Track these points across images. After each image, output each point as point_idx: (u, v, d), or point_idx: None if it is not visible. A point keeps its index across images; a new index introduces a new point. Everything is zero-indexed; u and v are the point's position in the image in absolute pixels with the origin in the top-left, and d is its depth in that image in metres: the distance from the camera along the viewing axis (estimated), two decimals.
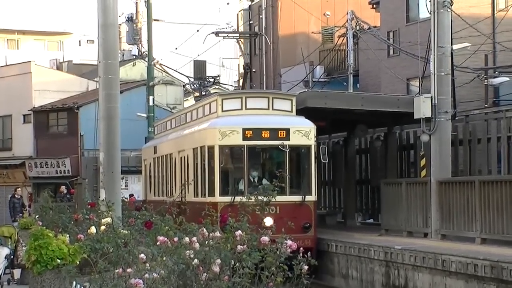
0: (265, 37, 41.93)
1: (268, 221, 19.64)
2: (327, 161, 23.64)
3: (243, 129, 21.78)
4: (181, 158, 25.37)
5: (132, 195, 38.89)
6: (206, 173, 22.22)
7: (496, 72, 33.51)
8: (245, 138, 21.75)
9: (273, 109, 22.57)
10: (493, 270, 15.32)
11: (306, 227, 21.79)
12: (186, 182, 24.20)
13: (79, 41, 72.62)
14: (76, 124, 45.96)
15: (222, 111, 22.58)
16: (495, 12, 34.23)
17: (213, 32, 32.25)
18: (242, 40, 54.53)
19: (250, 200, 10.83)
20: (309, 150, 22.11)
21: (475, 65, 31.95)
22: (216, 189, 21.60)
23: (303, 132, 21.92)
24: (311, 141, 22.04)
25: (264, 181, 21.13)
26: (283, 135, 21.84)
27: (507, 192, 17.99)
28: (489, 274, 15.46)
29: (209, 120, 23.01)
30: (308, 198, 21.92)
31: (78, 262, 10.37)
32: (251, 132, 21.80)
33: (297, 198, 21.77)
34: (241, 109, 22.61)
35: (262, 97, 23.29)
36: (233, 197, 20.71)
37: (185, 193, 24.26)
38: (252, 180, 21.81)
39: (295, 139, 21.85)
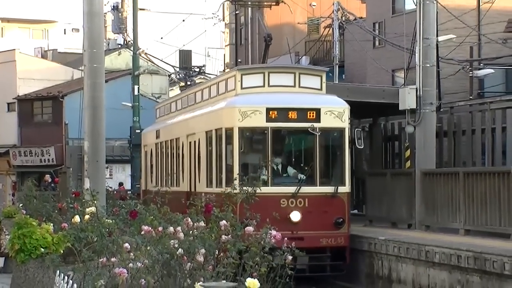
0: (287, 5, 40.82)
1: (295, 216, 18.70)
2: (362, 146, 20.97)
3: (267, 108, 18.94)
4: (190, 143, 22.65)
5: (122, 184, 38.91)
6: (222, 159, 19.55)
7: (481, 64, 33.59)
8: (269, 119, 18.93)
9: (299, 86, 19.98)
10: (476, 261, 15.38)
11: (339, 223, 19.08)
12: (197, 170, 21.68)
13: (64, 29, 72.29)
14: (60, 113, 45.83)
15: (242, 88, 19.83)
16: (481, 4, 34.30)
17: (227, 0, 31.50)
18: (227, 30, 54.48)
19: (235, 191, 10.56)
20: (342, 133, 19.40)
21: (460, 57, 32.02)
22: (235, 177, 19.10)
23: (335, 113, 19.21)
24: (344, 123, 19.35)
25: (290, 170, 19.50)
26: (313, 116, 19.13)
27: (491, 183, 18.07)
28: (472, 265, 15.53)
29: (226, 99, 20.24)
30: (341, 189, 19.14)
31: (62, 251, 10.34)
32: (276, 112, 18.98)
33: (328, 189, 19.12)
34: (263, 86, 19.90)
35: (288, 72, 20.53)
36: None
37: (195, 183, 21.81)
38: (275, 168, 19.30)
39: (327, 121, 19.16)
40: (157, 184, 26.73)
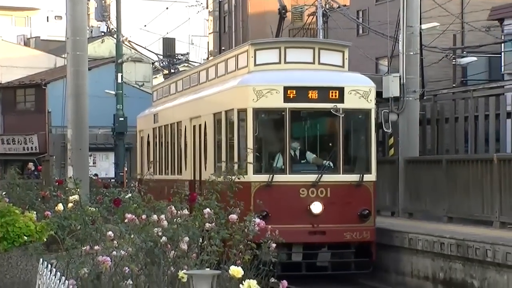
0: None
1: (317, 207, 16.89)
2: (390, 130, 19.34)
3: (284, 87, 16.94)
4: (194, 126, 20.53)
5: (97, 175, 38.76)
6: (234, 144, 17.57)
7: (464, 52, 33.71)
8: (287, 99, 16.94)
9: (319, 63, 18.05)
10: (459, 248, 15.46)
11: (364, 215, 17.10)
12: (202, 157, 19.73)
13: (47, 17, 71.97)
14: (43, 101, 45.67)
15: (255, 65, 17.84)
16: None
17: None
18: (211, 17, 54.38)
19: (219, 179, 10.49)
20: (368, 115, 17.41)
21: (443, 45, 32.10)
22: (249, 165, 16.68)
23: (361, 93, 17.21)
24: (371, 104, 17.36)
25: (310, 156, 17.66)
26: (336, 96, 17.09)
27: (474, 171, 18.15)
28: (455, 252, 15.60)
29: (237, 77, 18.23)
30: (366, 177, 17.21)
31: (45, 239, 10.34)
32: (294, 91, 17.01)
33: (353, 177, 17.18)
34: (279, 62, 17.94)
35: (306, 47, 18.55)
36: (271, 175, 16.74)
37: (200, 170, 19.89)
38: (293, 153, 17.33)
39: (351, 102, 17.11)
40: (155, 172, 24.46)
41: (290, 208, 16.59)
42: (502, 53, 32.27)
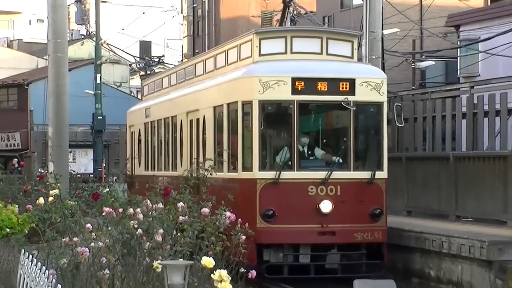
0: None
1: (326, 206, 15.08)
2: (402, 124, 17.69)
3: (292, 78, 15.07)
4: (190, 121, 18.57)
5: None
6: (238, 139, 15.53)
7: (423, 56, 33.93)
8: (295, 91, 15.08)
9: (327, 53, 16.20)
10: (417, 240, 15.56)
11: (376, 215, 15.23)
12: (200, 152, 17.74)
13: (29, 20, 71.52)
14: (26, 100, 45.38)
15: (260, 55, 15.90)
16: (423, 0, 34.62)
17: None
18: (185, 22, 54.27)
19: (193, 175, 10.47)
20: (380, 109, 15.60)
21: (403, 49, 32.28)
22: (254, 161, 14.97)
23: (372, 85, 15.43)
24: (383, 96, 15.58)
25: (318, 151, 15.86)
26: (346, 88, 15.27)
27: (431, 168, 18.28)
28: (413, 244, 15.70)
29: (241, 68, 16.27)
30: (378, 174, 15.34)
31: (26, 231, 10.29)
32: (303, 83, 15.14)
33: (364, 174, 15.32)
34: (285, 52, 16.05)
35: (313, 37, 16.53)
36: (277, 172, 14.89)
37: (197, 166, 17.54)
38: (302, 149, 15.46)
39: (363, 94, 15.30)
40: (146, 168, 22.84)
41: (298, 207, 14.92)
42: (458, 58, 32.51)
